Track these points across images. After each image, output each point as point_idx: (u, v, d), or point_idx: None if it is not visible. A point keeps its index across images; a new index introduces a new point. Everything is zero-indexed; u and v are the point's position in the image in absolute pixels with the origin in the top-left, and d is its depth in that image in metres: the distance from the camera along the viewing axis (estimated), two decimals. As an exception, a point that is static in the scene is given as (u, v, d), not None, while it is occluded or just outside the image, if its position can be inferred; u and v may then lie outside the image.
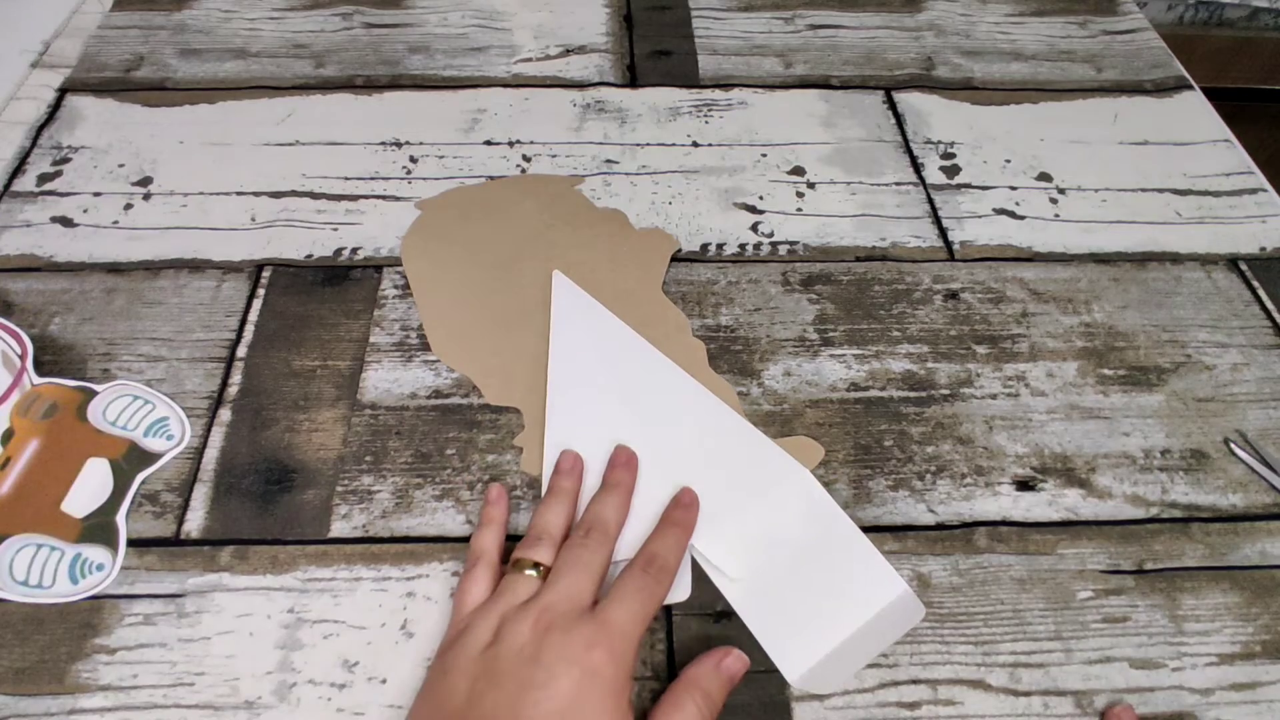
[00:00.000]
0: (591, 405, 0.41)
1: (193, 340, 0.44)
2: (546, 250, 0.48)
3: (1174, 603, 0.37)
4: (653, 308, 0.46)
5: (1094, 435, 0.42)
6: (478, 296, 0.46)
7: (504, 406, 0.42)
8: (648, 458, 0.39)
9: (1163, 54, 0.63)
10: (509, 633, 0.31)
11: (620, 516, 0.36)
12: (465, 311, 0.45)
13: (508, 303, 0.46)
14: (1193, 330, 0.46)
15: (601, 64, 0.60)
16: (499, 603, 0.32)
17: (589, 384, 0.42)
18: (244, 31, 0.61)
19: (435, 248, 0.48)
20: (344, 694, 0.33)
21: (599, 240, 0.49)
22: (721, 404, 0.41)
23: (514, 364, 0.43)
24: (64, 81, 0.57)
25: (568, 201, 0.51)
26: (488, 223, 0.50)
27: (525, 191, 0.51)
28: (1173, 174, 0.54)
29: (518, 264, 0.47)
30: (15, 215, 0.49)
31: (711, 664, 0.32)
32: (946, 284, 0.48)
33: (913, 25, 0.64)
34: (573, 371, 0.42)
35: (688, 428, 0.41)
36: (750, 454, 0.40)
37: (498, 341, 0.44)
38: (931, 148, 0.55)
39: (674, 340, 0.44)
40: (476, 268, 0.47)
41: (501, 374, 0.43)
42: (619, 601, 0.32)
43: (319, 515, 0.38)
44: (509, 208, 0.50)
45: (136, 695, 0.33)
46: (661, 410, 0.41)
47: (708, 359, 0.44)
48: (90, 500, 0.38)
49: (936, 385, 0.44)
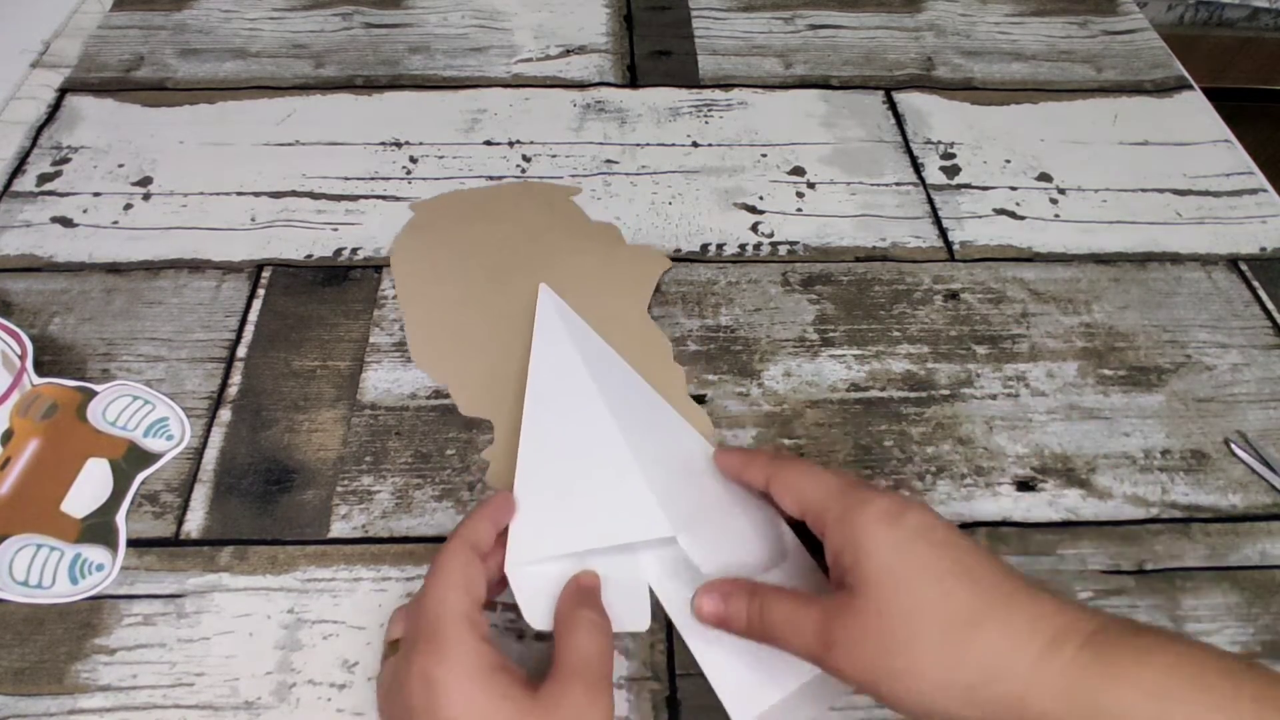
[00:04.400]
0: (566, 425, 0.39)
1: (193, 340, 0.44)
2: (536, 261, 0.47)
3: (1174, 603, 0.37)
4: (638, 329, 0.45)
5: (1094, 435, 0.42)
6: (462, 304, 0.46)
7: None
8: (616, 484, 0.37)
9: (1163, 54, 0.63)
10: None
11: (464, 528, 0.32)
12: (447, 318, 0.45)
13: (491, 313, 0.45)
14: (1193, 330, 0.46)
15: (601, 64, 0.60)
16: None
17: (565, 403, 0.40)
18: (244, 31, 0.61)
19: (425, 251, 0.48)
20: (344, 694, 0.33)
21: (590, 255, 0.48)
22: (696, 434, 0.40)
23: (490, 375, 0.43)
24: (64, 81, 0.57)
25: (562, 212, 0.50)
26: (479, 229, 0.49)
27: (520, 199, 0.51)
28: (1173, 174, 0.54)
29: (505, 274, 0.47)
30: (15, 215, 0.49)
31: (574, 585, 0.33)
32: (946, 284, 0.48)
33: (913, 25, 0.64)
34: (550, 389, 0.41)
35: (660, 458, 0.39)
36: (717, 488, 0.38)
37: (476, 351, 0.44)
38: (931, 148, 0.55)
39: (656, 364, 0.43)
40: (464, 275, 0.47)
41: (476, 384, 0.42)
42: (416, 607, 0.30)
43: (319, 515, 0.38)
44: (502, 215, 0.50)
45: (136, 695, 0.33)
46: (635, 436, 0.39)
47: (707, 360, 0.44)
48: (90, 500, 0.38)
49: (936, 385, 0.44)
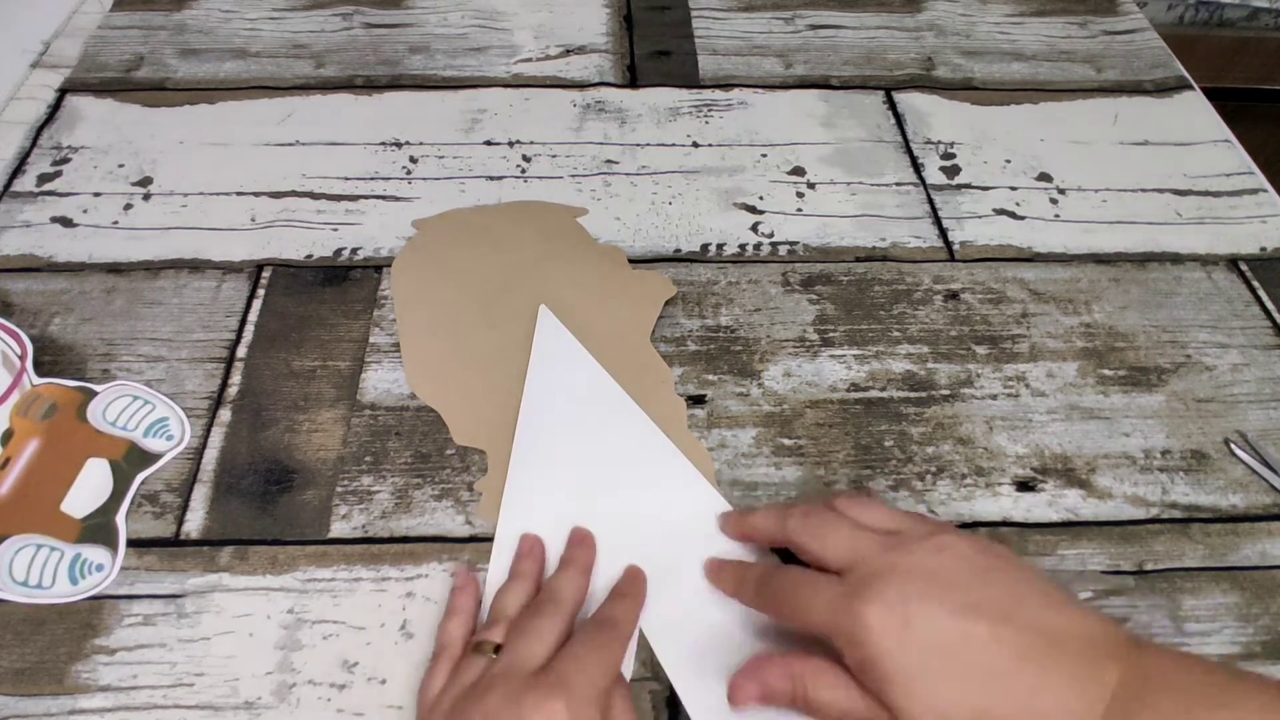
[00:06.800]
0: (558, 457, 0.39)
1: (193, 340, 0.44)
2: (538, 284, 0.46)
3: (1174, 603, 0.37)
4: (639, 357, 0.44)
5: (1094, 436, 0.42)
6: (460, 328, 0.44)
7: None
8: (610, 521, 0.37)
9: (1163, 54, 0.63)
10: (459, 713, 0.30)
11: (576, 592, 0.34)
12: (444, 343, 0.44)
13: (489, 337, 0.44)
14: (1193, 330, 0.46)
15: (601, 64, 0.60)
16: (453, 688, 0.31)
17: (559, 433, 0.40)
18: (244, 31, 0.61)
19: (425, 271, 0.47)
20: (344, 694, 0.33)
21: (593, 278, 0.47)
22: (693, 469, 0.39)
23: (485, 403, 0.41)
24: (64, 81, 0.57)
25: (567, 234, 0.49)
26: (481, 249, 0.48)
27: (524, 220, 0.50)
28: (1173, 174, 0.54)
29: (506, 296, 0.45)
30: (15, 215, 0.49)
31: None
32: (946, 284, 0.48)
33: (913, 25, 0.64)
34: (544, 418, 0.40)
35: (654, 494, 0.39)
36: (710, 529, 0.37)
37: (473, 378, 0.42)
38: (931, 148, 0.55)
39: (656, 395, 0.42)
40: (463, 297, 0.46)
41: (472, 413, 0.41)
42: (571, 656, 0.30)
43: (318, 516, 0.38)
44: (505, 236, 0.49)
45: (136, 696, 0.33)
46: (630, 473, 0.39)
47: (707, 360, 0.44)
48: (90, 500, 0.38)
49: (936, 386, 0.44)
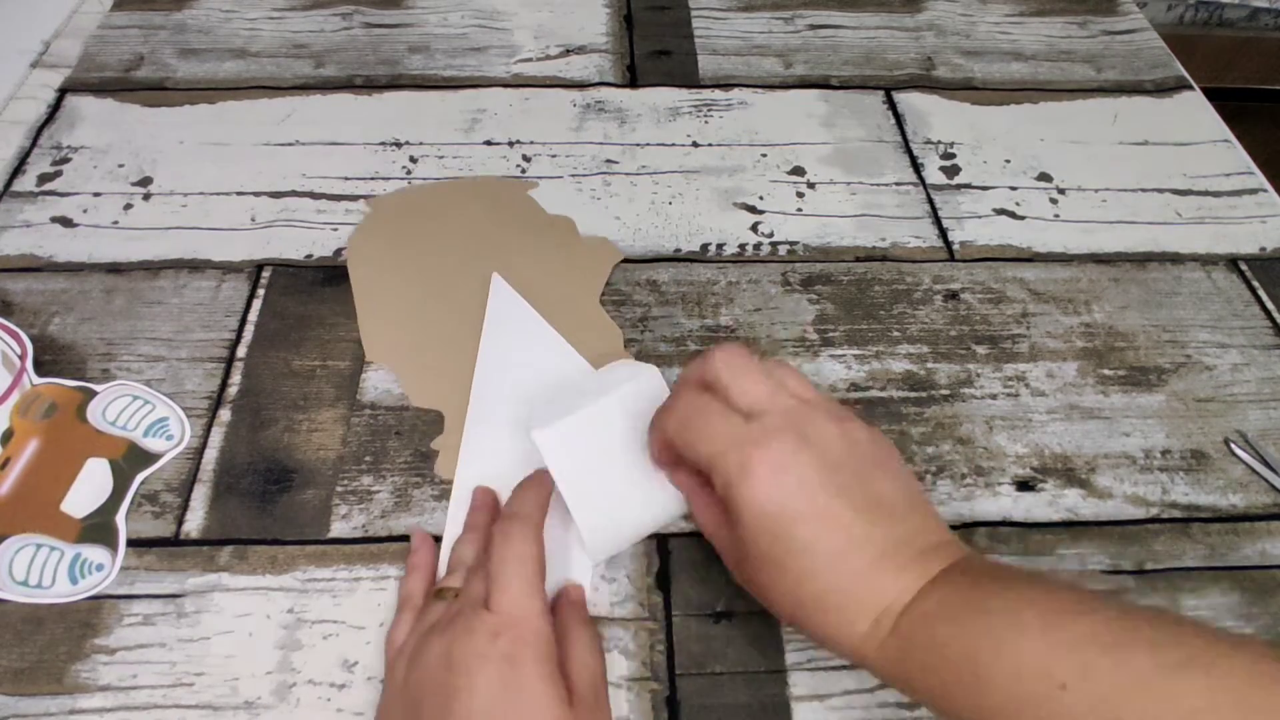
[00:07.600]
0: (511, 413, 0.40)
1: (192, 340, 0.44)
2: (491, 253, 0.48)
3: (1174, 603, 0.37)
4: (588, 317, 0.45)
5: (1094, 435, 0.42)
6: (415, 296, 0.46)
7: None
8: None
9: (1163, 54, 0.63)
10: (422, 653, 0.31)
11: (533, 511, 0.34)
12: (400, 310, 0.45)
13: (444, 304, 0.45)
14: (1193, 330, 0.46)
15: (601, 64, 0.60)
16: (417, 631, 0.32)
17: (512, 390, 0.41)
18: (244, 31, 0.61)
19: (380, 245, 0.48)
20: (344, 694, 0.33)
21: (544, 247, 0.49)
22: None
23: (442, 366, 0.43)
24: (64, 81, 0.56)
25: (518, 206, 0.51)
26: (435, 223, 0.49)
27: (476, 194, 0.51)
28: (1173, 174, 0.54)
29: (460, 266, 0.47)
30: (15, 215, 0.49)
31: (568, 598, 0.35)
32: (946, 284, 0.48)
33: (913, 25, 0.64)
34: (498, 377, 0.42)
35: None
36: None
37: (428, 342, 0.44)
38: (931, 148, 0.55)
39: (606, 352, 0.43)
40: (418, 268, 0.47)
41: (428, 375, 0.43)
42: (496, 582, 0.31)
43: (318, 515, 0.38)
44: (458, 209, 0.50)
45: (136, 695, 0.33)
46: None
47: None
48: (90, 500, 0.38)
49: (936, 385, 0.44)
